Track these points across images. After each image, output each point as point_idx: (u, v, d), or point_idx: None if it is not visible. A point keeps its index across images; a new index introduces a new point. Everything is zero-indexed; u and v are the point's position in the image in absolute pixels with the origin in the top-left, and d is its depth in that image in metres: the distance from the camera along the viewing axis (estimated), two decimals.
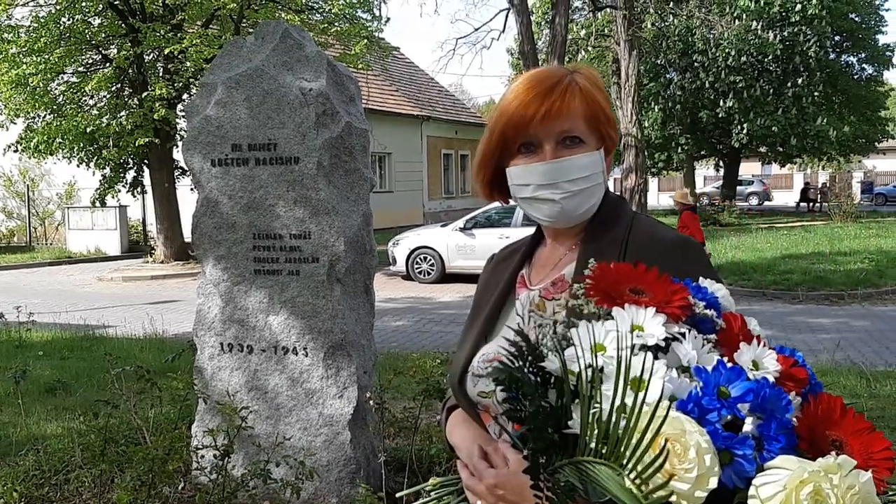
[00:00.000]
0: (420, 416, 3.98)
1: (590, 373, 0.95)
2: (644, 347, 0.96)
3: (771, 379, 0.99)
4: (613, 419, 0.89)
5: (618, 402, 0.90)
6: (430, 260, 14.83)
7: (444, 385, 3.71)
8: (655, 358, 0.95)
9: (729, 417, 0.94)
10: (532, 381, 1.01)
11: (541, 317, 1.35)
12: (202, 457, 3.26)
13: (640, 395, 0.89)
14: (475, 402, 1.42)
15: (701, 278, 1.17)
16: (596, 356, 0.95)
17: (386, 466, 3.90)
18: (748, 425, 0.94)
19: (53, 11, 15.91)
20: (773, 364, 1.02)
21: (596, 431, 0.93)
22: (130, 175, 18.67)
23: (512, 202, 1.53)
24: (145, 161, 17.98)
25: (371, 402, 3.80)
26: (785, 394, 0.99)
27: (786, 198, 42.49)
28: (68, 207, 22.54)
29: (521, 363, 1.03)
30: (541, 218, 1.43)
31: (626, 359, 0.92)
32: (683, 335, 1.01)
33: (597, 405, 0.92)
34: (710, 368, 0.95)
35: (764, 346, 1.05)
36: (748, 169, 43.69)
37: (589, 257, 1.34)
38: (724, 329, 1.06)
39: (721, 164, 35.80)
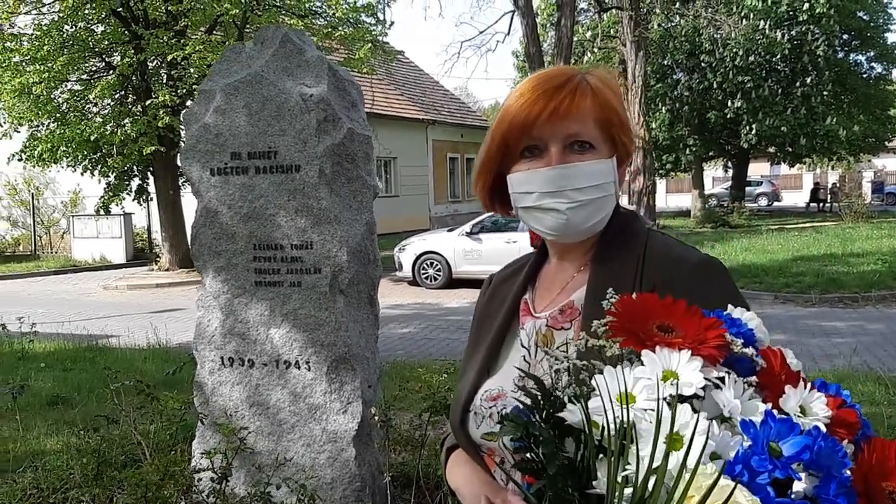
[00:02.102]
0: (427, 433, 3.85)
1: (618, 425, 0.83)
2: (680, 398, 0.83)
3: (822, 427, 0.87)
4: (650, 486, 0.76)
5: (655, 464, 0.77)
6: (436, 265, 14.71)
7: (450, 401, 3.58)
8: (694, 410, 0.82)
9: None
10: (551, 437, 0.88)
11: (547, 354, 1.22)
12: (199, 480, 3.13)
13: (681, 455, 0.77)
14: (478, 444, 1.28)
15: (730, 306, 1.04)
16: (628, 409, 0.82)
17: (392, 483, 3.78)
18: (800, 484, 0.82)
19: (56, 19, 15.88)
20: (823, 409, 0.89)
21: (627, 493, 0.80)
22: (135, 183, 18.62)
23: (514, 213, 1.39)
24: (150, 168, 17.93)
25: (376, 417, 3.67)
26: (840, 445, 0.86)
27: (795, 198, 42.25)
28: (73, 215, 22.52)
29: (535, 413, 0.90)
30: (544, 231, 1.28)
31: (663, 413, 0.79)
32: (722, 380, 0.88)
33: (628, 466, 0.79)
34: (756, 420, 0.82)
35: (810, 386, 0.92)
36: (757, 169, 43.45)
37: (601, 281, 1.21)
38: (764, 369, 0.94)
39: (729, 164, 35.60)
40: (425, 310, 12.44)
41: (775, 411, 0.86)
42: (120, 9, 15.85)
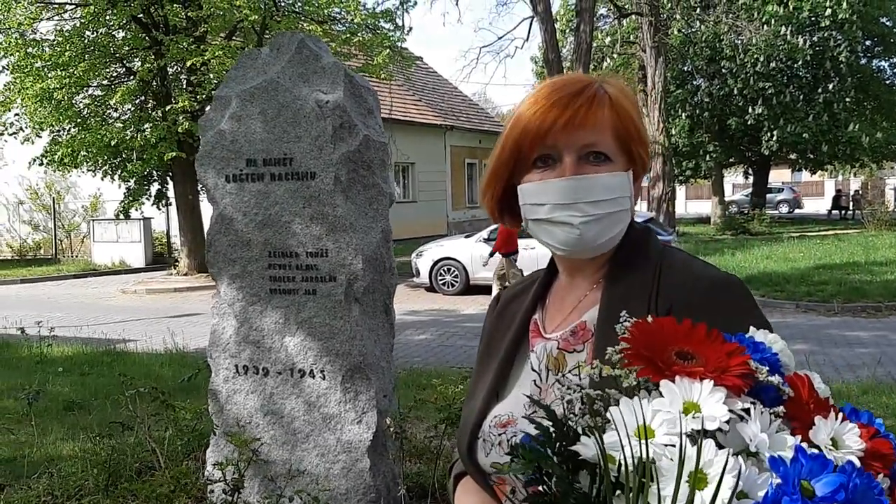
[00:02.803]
0: (442, 444, 3.80)
1: (636, 461, 0.78)
2: (703, 432, 0.78)
3: (856, 462, 0.81)
4: None
5: None
6: (453, 271, 14.65)
7: None
8: (718, 445, 0.77)
9: None
10: (564, 473, 0.83)
11: (559, 382, 1.16)
12: (211, 491, 3.10)
13: (706, 496, 0.72)
14: (487, 472, 1.22)
15: (752, 328, 0.98)
16: (647, 444, 0.76)
17: (408, 493, 3.73)
18: None
19: (78, 25, 16.02)
20: (856, 442, 0.84)
21: None
22: (155, 187, 18.72)
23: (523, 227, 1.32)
24: (169, 173, 18.03)
25: (391, 428, 3.63)
26: (876, 481, 0.80)
27: (817, 205, 41.80)
28: (93, 220, 22.71)
29: (548, 446, 0.85)
30: (554, 245, 1.22)
31: (685, 449, 0.74)
32: (747, 411, 0.82)
33: None
34: (786, 456, 0.77)
35: (841, 416, 0.87)
36: (778, 176, 43.01)
37: (614, 300, 1.15)
38: (791, 398, 0.88)
39: (750, 171, 35.27)
40: (442, 316, 12.40)
41: (805, 444, 0.81)
42: (140, 14, 15.97)
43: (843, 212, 34.72)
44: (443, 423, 3.54)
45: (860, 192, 34.28)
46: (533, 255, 13.39)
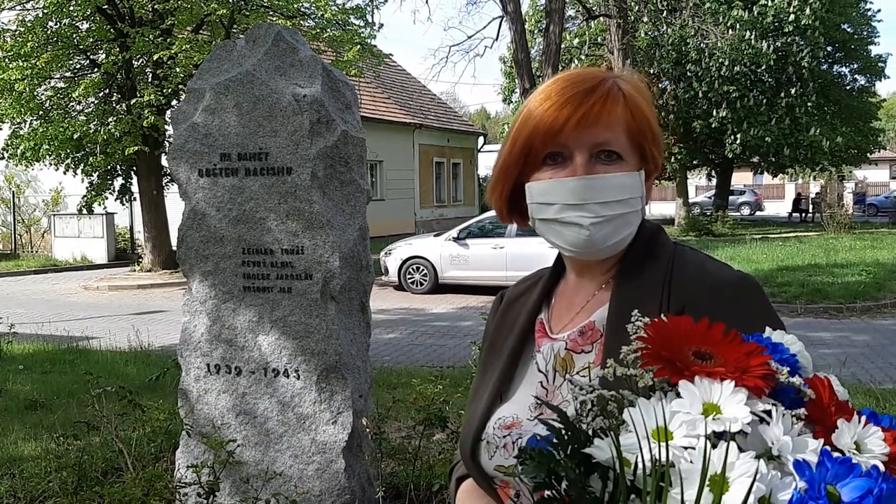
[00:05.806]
0: (420, 445, 3.77)
1: (653, 464, 0.76)
2: (724, 435, 0.76)
3: (880, 466, 0.80)
4: None
5: None
6: (422, 270, 14.61)
7: (445, 413, 3.50)
8: (739, 448, 0.75)
9: None
10: (578, 477, 0.81)
11: (572, 383, 1.14)
12: (185, 494, 3.04)
13: (729, 499, 0.70)
14: (491, 475, 1.20)
15: (768, 329, 0.97)
16: (667, 447, 0.75)
17: (383, 494, 3.70)
18: None
19: (41, 15, 15.65)
20: (879, 446, 0.83)
21: None
22: (118, 182, 18.36)
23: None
24: (133, 168, 17.71)
25: (368, 429, 3.59)
26: None
27: (777, 208, 42.52)
28: (54, 214, 22.23)
29: (561, 450, 0.83)
30: (563, 246, 1.19)
31: (709, 452, 0.72)
32: (768, 413, 0.81)
33: None
34: (810, 459, 0.76)
35: (864, 420, 0.86)
36: (739, 178, 43.67)
37: (625, 300, 1.13)
38: (812, 400, 0.87)
39: (713, 173, 35.74)
40: (411, 315, 12.35)
41: (827, 448, 0.80)
42: (105, 6, 15.66)
43: (804, 214, 35.35)
44: (421, 423, 3.50)
45: (820, 195, 34.92)
46: (501, 254, 13.44)
